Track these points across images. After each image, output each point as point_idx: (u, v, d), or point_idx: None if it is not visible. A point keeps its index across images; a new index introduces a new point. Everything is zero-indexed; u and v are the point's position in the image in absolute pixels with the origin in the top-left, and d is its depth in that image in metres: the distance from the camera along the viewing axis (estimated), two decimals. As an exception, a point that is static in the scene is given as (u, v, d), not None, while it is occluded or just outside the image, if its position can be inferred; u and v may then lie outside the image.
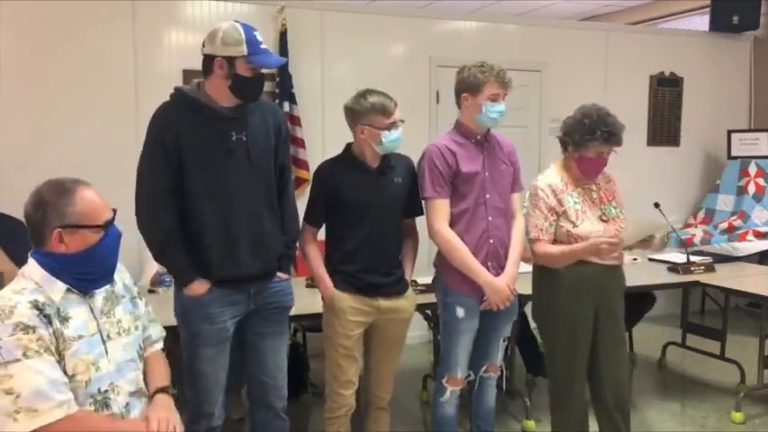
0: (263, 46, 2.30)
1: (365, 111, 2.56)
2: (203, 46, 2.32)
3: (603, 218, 2.75)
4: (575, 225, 2.70)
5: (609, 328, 2.78)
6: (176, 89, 2.37)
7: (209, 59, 2.30)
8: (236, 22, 2.31)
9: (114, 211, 1.82)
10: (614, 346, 2.81)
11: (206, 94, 2.33)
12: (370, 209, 2.61)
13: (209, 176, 2.29)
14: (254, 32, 2.30)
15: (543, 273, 2.81)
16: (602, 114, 2.66)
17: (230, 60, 2.26)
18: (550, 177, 2.77)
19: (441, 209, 2.66)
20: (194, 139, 2.28)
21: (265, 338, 2.46)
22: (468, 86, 2.67)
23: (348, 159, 2.67)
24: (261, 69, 2.32)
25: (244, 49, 2.25)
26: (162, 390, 1.93)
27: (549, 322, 2.82)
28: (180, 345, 2.41)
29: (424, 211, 2.75)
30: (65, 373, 1.67)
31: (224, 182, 2.31)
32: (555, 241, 2.75)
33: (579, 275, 2.71)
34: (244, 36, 2.26)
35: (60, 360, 1.67)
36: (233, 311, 2.36)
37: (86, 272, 1.76)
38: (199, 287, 2.30)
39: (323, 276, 2.64)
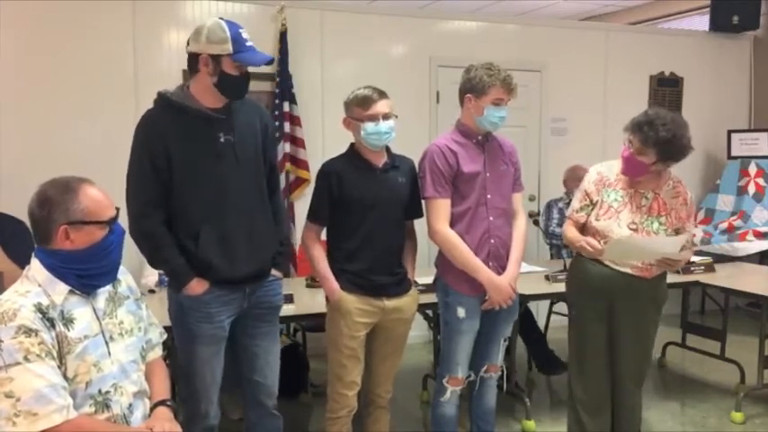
0: (248, 43, 2.26)
1: (349, 102, 2.62)
2: (188, 44, 2.29)
3: (632, 226, 2.70)
4: (597, 218, 2.73)
5: (625, 336, 2.79)
6: (160, 94, 2.32)
7: (194, 57, 2.27)
8: (221, 19, 2.27)
9: (117, 209, 1.82)
10: (628, 358, 2.82)
11: (191, 96, 2.30)
12: (373, 207, 2.60)
13: (201, 180, 2.28)
14: (240, 30, 2.26)
15: (572, 261, 2.96)
16: (645, 119, 2.60)
17: (216, 58, 2.23)
18: (604, 166, 2.82)
19: (441, 209, 2.66)
20: (183, 144, 2.25)
21: (256, 339, 2.45)
22: (472, 87, 2.66)
23: (352, 158, 2.67)
24: (247, 67, 2.30)
25: (229, 47, 2.22)
26: (162, 403, 1.93)
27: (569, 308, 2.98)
28: (176, 345, 2.41)
29: (425, 210, 2.74)
30: (65, 377, 1.67)
31: (215, 184, 2.29)
32: (584, 226, 2.81)
33: (587, 273, 2.79)
34: (228, 34, 2.22)
35: (61, 365, 1.67)
36: (229, 311, 2.36)
37: (90, 268, 1.76)
38: (198, 286, 2.29)
39: (329, 277, 2.62)
